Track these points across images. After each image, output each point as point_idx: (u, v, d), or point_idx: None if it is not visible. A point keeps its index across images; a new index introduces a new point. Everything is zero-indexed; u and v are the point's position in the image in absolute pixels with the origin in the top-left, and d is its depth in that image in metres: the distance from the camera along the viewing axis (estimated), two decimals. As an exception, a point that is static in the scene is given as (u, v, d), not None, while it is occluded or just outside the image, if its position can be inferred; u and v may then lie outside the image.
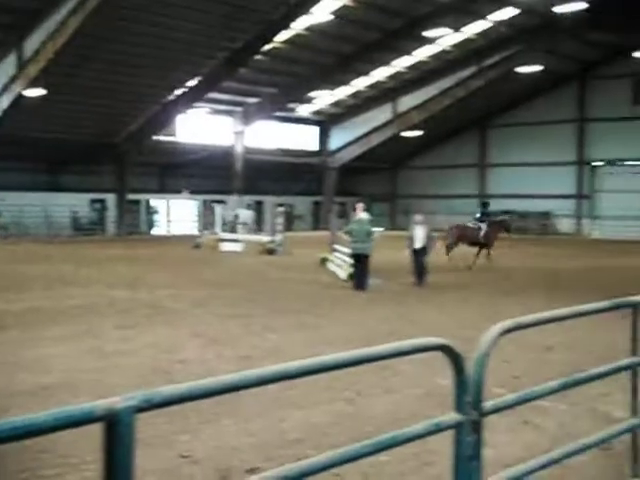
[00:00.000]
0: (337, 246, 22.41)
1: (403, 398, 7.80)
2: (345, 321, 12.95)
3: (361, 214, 18.34)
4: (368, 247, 17.40)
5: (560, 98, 50.20)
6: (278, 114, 48.38)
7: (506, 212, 51.99)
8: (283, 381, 2.28)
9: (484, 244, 23.81)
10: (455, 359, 2.64)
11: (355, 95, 48.29)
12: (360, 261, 17.46)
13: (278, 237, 28.85)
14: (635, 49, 41.37)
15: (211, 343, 10.72)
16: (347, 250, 20.23)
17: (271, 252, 28.14)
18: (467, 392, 2.69)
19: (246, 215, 38.83)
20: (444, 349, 2.62)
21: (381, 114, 49.46)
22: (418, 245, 17.98)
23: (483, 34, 40.53)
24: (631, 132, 47.03)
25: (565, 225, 50.14)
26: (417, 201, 52.34)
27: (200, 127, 46.71)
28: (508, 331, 2.96)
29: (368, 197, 50.23)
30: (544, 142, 50.25)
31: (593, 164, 49.53)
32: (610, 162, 48.64)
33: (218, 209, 37.51)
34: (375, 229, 18.40)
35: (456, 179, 54.27)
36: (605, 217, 48.28)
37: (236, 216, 37.88)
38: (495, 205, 53.07)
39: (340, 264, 20.63)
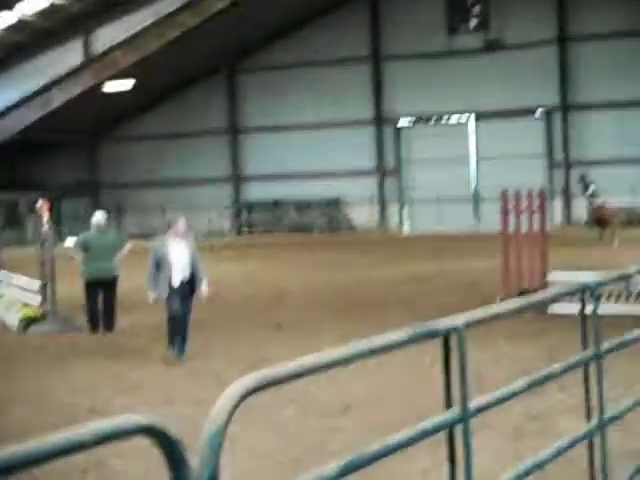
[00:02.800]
0: (1, 273, 17.29)
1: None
2: (8, 394, 9.56)
3: (98, 215, 13.76)
4: (113, 268, 13.45)
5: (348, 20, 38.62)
6: None
7: (275, 203, 39.32)
8: None
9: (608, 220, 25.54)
10: (168, 445, 1.88)
11: (21, 26, 36.62)
12: (101, 291, 13.31)
13: None
14: None
15: None
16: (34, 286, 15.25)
17: None
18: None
19: None
20: (150, 432, 1.86)
21: (67, 56, 37.40)
22: (177, 278, 10.61)
23: None
24: (443, 77, 36.82)
25: (362, 216, 38.60)
26: (135, 192, 41.49)
27: None
28: (253, 391, 2.26)
29: (56, 191, 38.69)
30: (329, 90, 38.43)
31: (399, 124, 37.98)
32: (421, 119, 37.61)
33: None
34: (123, 240, 14.21)
35: (195, 154, 41.43)
36: (419, 201, 37.45)
37: None
38: (253, 192, 39.84)
39: (9, 303, 16.15)
